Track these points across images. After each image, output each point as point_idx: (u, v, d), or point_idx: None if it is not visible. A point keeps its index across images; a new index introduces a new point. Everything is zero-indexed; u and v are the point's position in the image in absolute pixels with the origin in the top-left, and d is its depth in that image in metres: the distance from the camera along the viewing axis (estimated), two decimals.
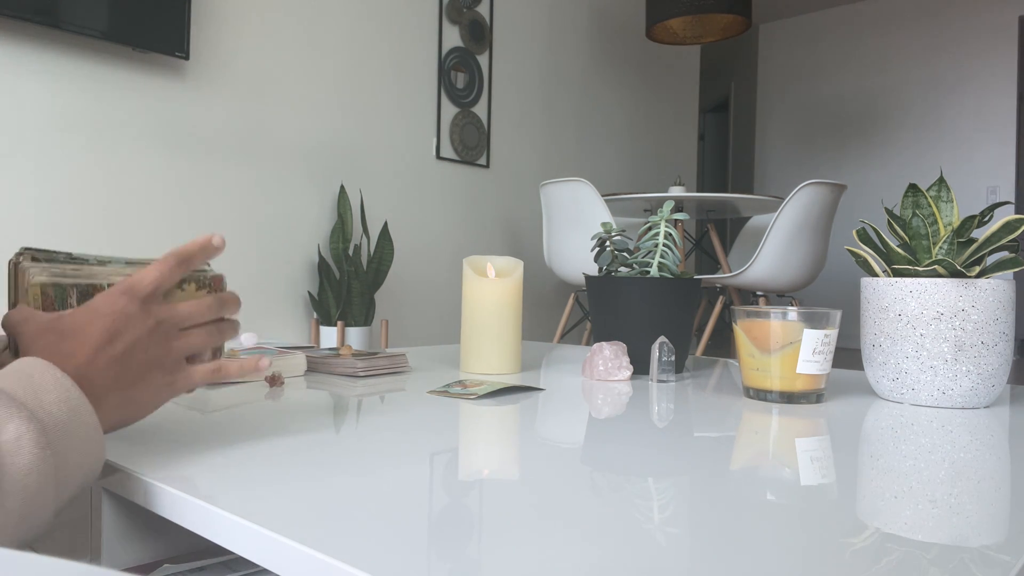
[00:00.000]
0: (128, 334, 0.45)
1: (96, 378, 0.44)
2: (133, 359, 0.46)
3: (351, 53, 2.87)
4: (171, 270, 0.48)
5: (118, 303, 0.46)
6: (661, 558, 0.33)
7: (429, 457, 0.51)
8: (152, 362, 0.47)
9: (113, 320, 0.45)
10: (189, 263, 0.49)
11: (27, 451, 0.36)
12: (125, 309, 0.46)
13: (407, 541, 0.35)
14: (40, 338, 0.45)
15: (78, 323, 0.45)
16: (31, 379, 0.40)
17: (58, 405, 0.40)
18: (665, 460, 0.52)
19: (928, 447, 0.57)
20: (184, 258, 0.49)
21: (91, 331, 0.44)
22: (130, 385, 0.46)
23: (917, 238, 0.81)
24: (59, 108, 2.10)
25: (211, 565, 0.52)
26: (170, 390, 0.48)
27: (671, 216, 1.00)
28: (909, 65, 5.51)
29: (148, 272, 0.47)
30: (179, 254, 0.49)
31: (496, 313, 0.95)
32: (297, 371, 0.91)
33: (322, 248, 2.78)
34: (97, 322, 0.45)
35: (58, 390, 0.40)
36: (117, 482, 0.47)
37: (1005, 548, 0.36)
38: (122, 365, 0.45)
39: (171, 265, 0.48)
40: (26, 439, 0.36)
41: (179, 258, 0.48)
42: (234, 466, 0.47)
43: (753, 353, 0.78)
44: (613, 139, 4.27)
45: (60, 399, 0.40)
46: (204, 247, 0.50)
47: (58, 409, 0.39)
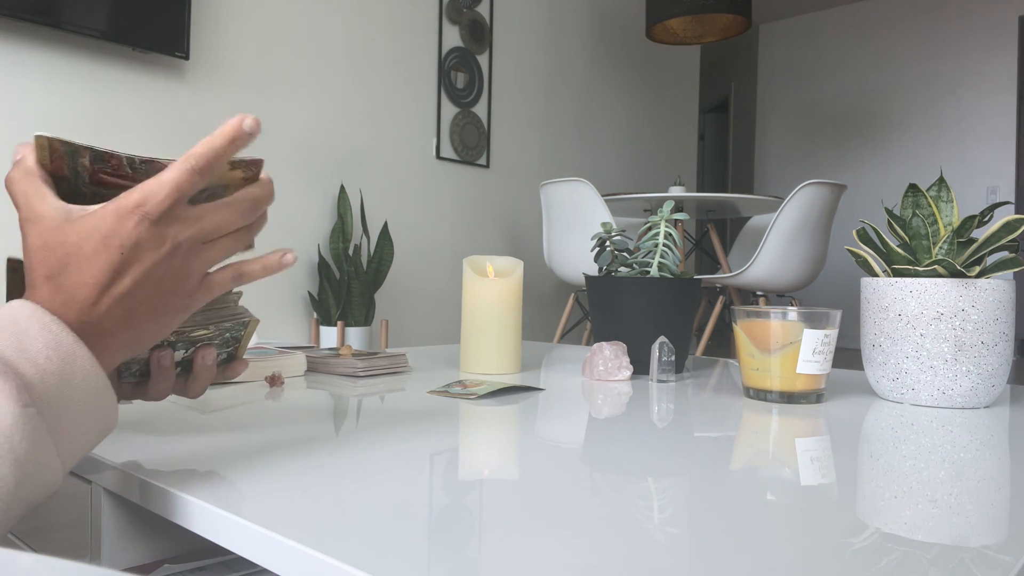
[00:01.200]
0: (139, 265, 0.39)
1: (101, 321, 0.39)
2: (144, 294, 0.40)
3: (351, 53, 2.87)
4: (192, 178, 0.40)
5: (126, 227, 0.38)
6: (661, 558, 0.33)
7: (429, 457, 0.51)
8: (168, 291, 0.41)
9: (120, 251, 0.38)
10: (214, 164, 0.40)
11: (5, 409, 0.33)
12: (135, 235, 0.38)
13: (407, 541, 0.35)
14: (41, 253, 0.39)
15: (83, 252, 0.38)
16: (16, 327, 0.36)
17: (46, 354, 0.36)
18: (665, 460, 0.52)
19: (928, 447, 0.57)
20: (208, 160, 0.40)
21: (95, 265, 0.38)
22: (141, 321, 0.40)
23: (917, 238, 0.81)
24: (59, 108, 2.10)
25: (211, 565, 0.52)
26: (187, 311, 0.43)
27: (671, 216, 1.00)
28: (909, 65, 5.51)
29: (163, 183, 0.39)
30: (200, 156, 0.40)
31: (496, 313, 0.95)
32: (297, 371, 0.91)
33: (322, 248, 2.78)
34: (102, 254, 0.38)
35: (45, 337, 0.36)
36: (117, 482, 0.47)
37: (1005, 548, 0.36)
38: (131, 302, 0.39)
39: (191, 171, 0.40)
40: (2, 397, 0.33)
41: (201, 159, 0.40)
42: (234, 466, 0.47)
43: (753, 353, 0.78)
44: (613, 139, 4.27)
45: (49, 347, 0.36)
46: (235, 137, 0.40)
47: (46, 359, 0.36)
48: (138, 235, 0.39)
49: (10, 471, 0.34)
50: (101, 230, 0.38)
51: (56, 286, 0.38)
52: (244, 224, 0.43)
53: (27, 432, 0.34)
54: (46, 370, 0.36)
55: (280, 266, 0.44)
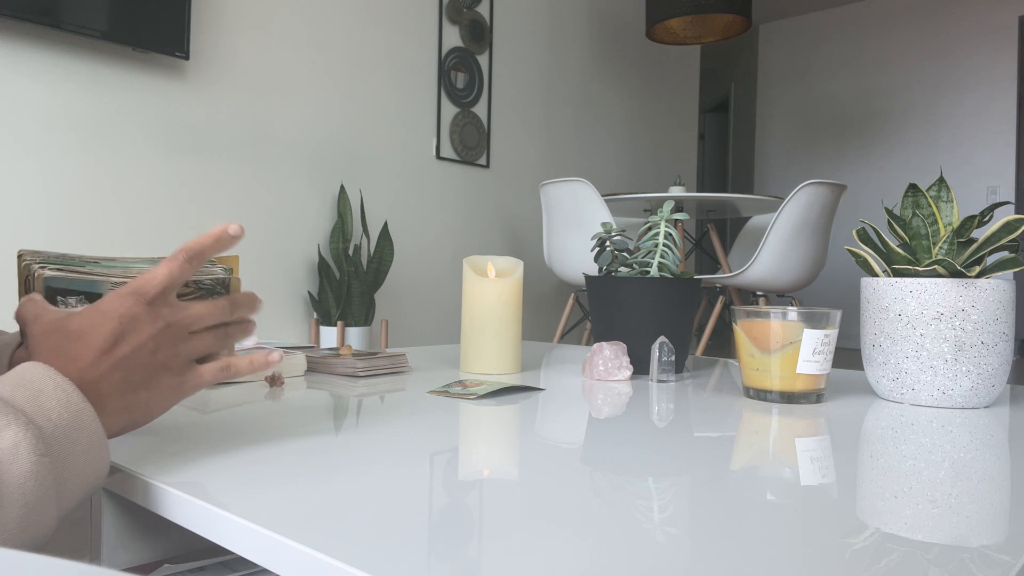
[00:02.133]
0: (134, 337, 0.44)
1: (100, 382, 0.43)
2: (139, 362, 0.44)
3: (351, 53, 2.87)
4: (181, 268, 0.46)
5: (124, 304, 0.44)
6: (661, 558, 0.33)
7: (429, 457, 0.51)
8: (159, 365, 0.45)
9: (119, 322, 0.44)
10: (201, 258, 0.47)
11: (24, 458, 0.35)
12: (131, 311, 0.44)
13: (407, 541, 0.35)
14: (46, 339, 0.44)
15: (84, 325, 0.44)
16: (31, 384, 0.39)
17: (58, 410, 0.39)
18: (665, 460, 0.52)
19: (928, 447, 0.57)
20: (196, 253, 0.46)
21: (96, 334, 0.43)
22: (136, 388, 0.45)
23: (917, 238, 0.81)
24: (59, 108, 2.10)
25: (211, 565, 0.52)
26: (178, 392, 0.47)
27: (671, 216, 1.00)
28: (909, 65, 5.51)
29: (157, 271, 0.46)
30: (190, 249, 0.46)
31: (496, 313, 0.95)
32: (297, 371, 0.91)
33: (322, 248, 2.78)
34: (103, 325, 0.44)
35: (59, 395, 0.39)
36: (117, 482, 0.47)
37: (1005, 548, 0.36)
38: (127, 368, 0.44)
39: (180, 262, 0.46)
40: (23, 446, 0.36)
41: (190, 254, 0.46)
42: (234, 466, 0.47)
43: (753, 353, 0.78)
44: (613, 139, 4.27)
45: (61, 404, 0.39)
46: (219, 238, 0.47)
47: (58, 415, 0.39)
48: (134, 310, 0.45)
49: (19, 515, 0.35)
50: (101, 308, 0.45)
51: (59, 354, 0.43)
52: (222, 319, 0.49)
53: (39, 481, 0.36)
54: (58, 425, 0.39)
55: (266, 364, 0.50)
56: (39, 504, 0.36)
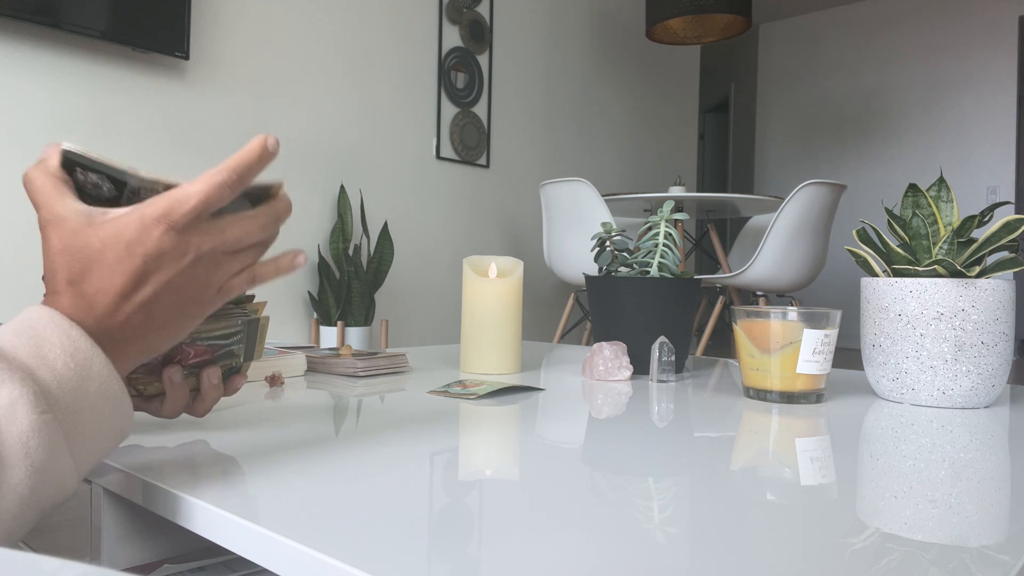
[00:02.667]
0: (161, 274, 0.39)
1: (120, 329, 0.39)
2: (166, 300, 0.40)
3: (351, 53, 2.87)
4: (220, 191, 0.40)
5: (151, 236, 0.38)
6: (661, 558, 0.33)
7: (429, 457, 0.51)
8: (188, 299, 0.41)
9: (143, 260, 0.38)
10: (244, 180, 0.41)
11: (23, 416, 0.33)
12: (159, 245, 0.38)
13: (407, 541, 0.35)
14: (63, 257, 0.39)
15: (105, 259, 0.38)
16: (34, 332, 0.36)
17: (64, 360, 0.36)
18: (665, 460, 0.52)
19: (928, 447, 0.57)
20: (239, 174, 0.40)
21: (117, 272, 0.38)
22: (158, 328, 0.41)
23: (917, 238, 0.81)
24: (59, 108, 2.10)
25: (211, 565, 0.52)
26: (202, 316, 0.43)
27: (671, 216, 1.00)
28: (909, 65, 5.51)
29: (191, 191, 0.39)
30: (233, 167, 0.40)
31: (496, 313, 0.95)
32: (297, 371, 0.91)
33: (322, 248, 2.78)
34: (125, 262, 0.38)
35: (64, 343, 0.36)
36: (117, 482, 0.47)
37: (1005, 548, 0.36)
38: (151, 310, 0.40)
39: (221, 185, 0.39)
40: (21, 404, 0.33)
41: (232, 174, 0.40)
42: (234, 466, 0.47)
43: (753, 353, 0.78)
44: (613, 139, 4.27)
45: (67, 353, 0.36)
46: (262, 154, 0.41)
47: (63, 365, 0.36)
48: (161, 245, 0.39)
49: (26, 477, 0.34)
50: (125, 237, 0.38)
51: (77, 292, 0.39)
52: (265, 237, 0.43)
53: (43, 439, 0.34)
54: (63, 376, 0.36)
55: (292, 267, 0.45)
56: (49, 463, 0.34)
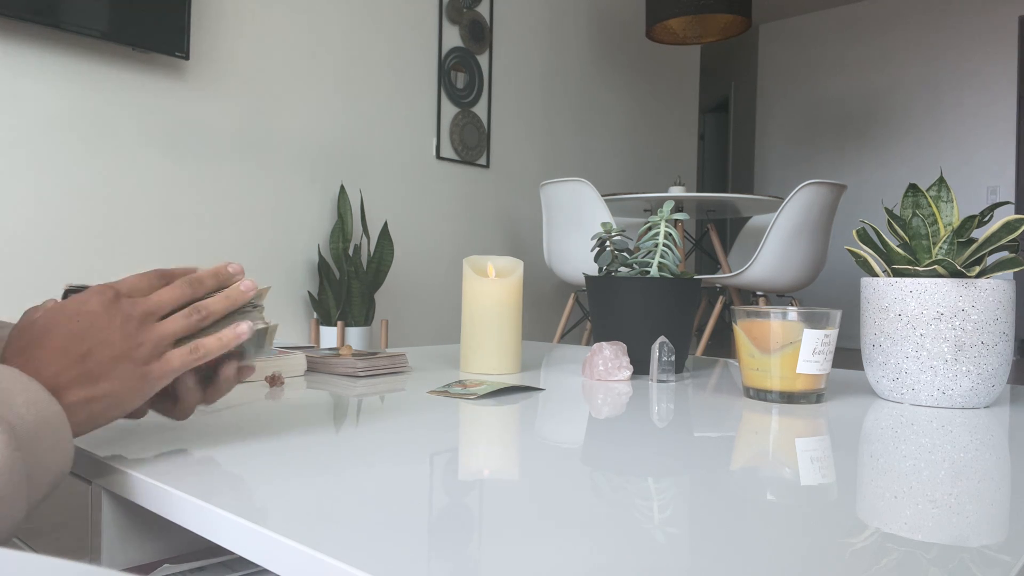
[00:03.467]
0: (93, 331, 0.46)
1: (61, 379, 0.45)
2: (98, 356, 0.45)
3: (351, 53, 2.87)
4: (148, 279, 0.49)
5: (90, 301, 0.46)
6: (661, 558, 0.33)
7: (429, 457, 0.51)
8: (119, 356, 0.46)
9: (78, 319, 0.46)
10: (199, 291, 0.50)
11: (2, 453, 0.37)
12: (94, 307, 0.46)
13: (407, 541, 0.35)
14: (14, 339, 0.46)
15: (48, 325, 0.46)
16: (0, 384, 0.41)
17: (27, 407, 0.40)
18: (665, 460, 0.52)
19: (928, 447, 0.57)
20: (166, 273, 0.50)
21: (57, 332, 0.45)
22: (96, 381, 0.46)
23: (917, 238, 0.81)
24: (59, 108, 2.10)
25: (211, 565, 0.52)
26: (144, 381, 0.47)
27: (671, 216, 1.00)
28: (909, 65, 5.51)
29: (129, 277, 0.49)
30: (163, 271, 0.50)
31: (496, 313, 0.95)
32: (297, 371, 0.91)
33: (322, 248, 2.78)
34: (63, 323, 0.46)
35: (26, 393, 0.41)
36: (117, 482, 0.47)
37: (1005, 548, 0.36)
38: (86, 363, 0.45)
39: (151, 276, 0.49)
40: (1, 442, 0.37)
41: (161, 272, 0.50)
42: (234, 466, 0.47)
43: (753, 353, 0.78)
44: (613, 139, 4.27)
45: (28, 402, 0.40)
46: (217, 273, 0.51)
47: (27, 411, 0.40)
48: (96, 306, 0.46)
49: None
50: (63, 307, 0.46)
51: (27, 356, 0.45)
52: (184, 300, 0.49)
53: (11, 475, 0.37)
54: (26, 420, 0.40)
55: (236, 337, 0.50)
56: (12, 498, 0.37)
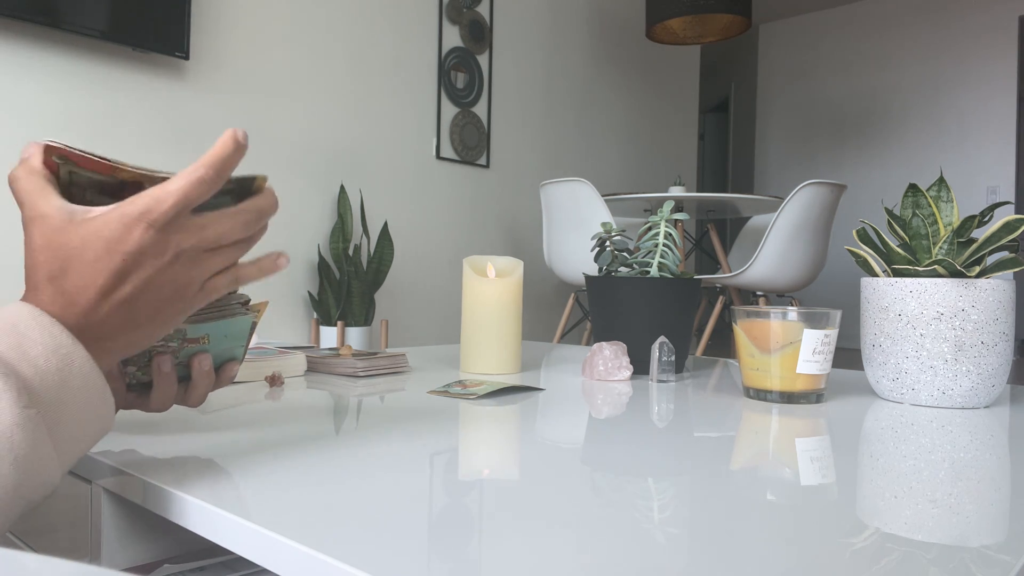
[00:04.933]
0: (142, 271, 0.39)
1: (101, 326, 0.40)
2: (146, 298, 0.40)
3: (351, 53, 2.87)
4: (198, 189, 0.40)
5: (132, 235, 0.39)
6: (661, 558, 0.33)
7: (429, 457, 0.51)
8: (169, 297, 0.41)
9: (123, 258, 0.39)
10: (221, 176, 0.40)
11: (6, 411, 0.34)
12: (140, 243, 0.39)
13: (407, 541, 0.35)
14: (45, 257, 0.39)
15: (85, 257, 0.38)
16: (15, 329, 0.37)
17: (46, 357, 0.36)
18: (665, 460, 0.52)
19: (928, 447, 0.57)
20: (216, 170, 0.40)
21: (98, 270, 0.38)
22: (140, 325, 0.41)
23: (917, 238, 0.81)
24: (59, 108, 2.10)
25: (211, 565, 0.52)
26: (185, 314, 0.43)
27: (671, 216, 1.00)
28: (909, 65, 5.51)
29: (170, 192, 0.39)
30: (209, 164, 0.40)
31: (496, 313, 0.95)
32: (297, 371, 0.91)
33: (322, 248, 2.78)
34: (105, 260, 0.38)
35: (46, 340, 0.37)
36: (117, 482, 0.47)
37: (1005, 548, 0.36)
38: (131, 309, 0.40)
39: (199, 182, 0.39)
40: (4, 399, 0.34)
41: (209, 170, 0.40)
42: (234, 466, 0.47)
43: (753, 353, 0.78)
44: (613, 139, 4.27)
45: (48, 350, 0.36)
46: (236, 147, 0.41)
47: (46, 361, 0.36)
48: (142, 243, 0.39)
49: (10, 471, 0.34)
50: (105, 235, 0.39)
51: (57, 288, 0.39)
52: (247, 235, 0.43)
53: (27, 433, 0.35)
54: (46, 372, 0.36)
55: (275, 268, 0.45)
56: (32, 457, 0.35)
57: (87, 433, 0.39)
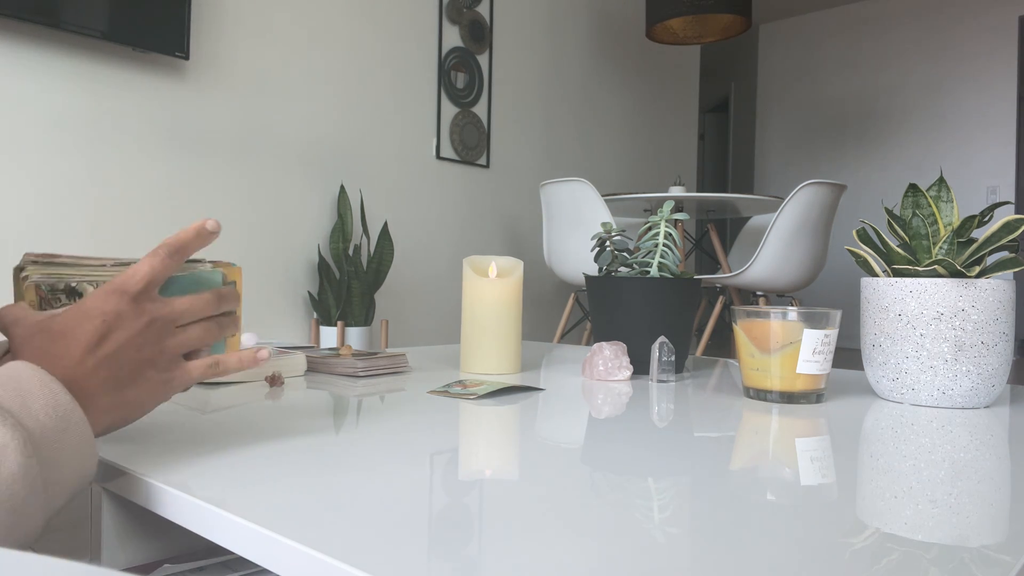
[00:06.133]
0: (119, 333, 0.44)
1: (86, 381, 0.43)
2: (125, 359, 0.44)
3: (351, 53, 2.87)
4: (163, 263, 0.46)
5: (109, 302, 0.44)
6: (661, 558, 0.33)
7: (429, 457, 0.51)
8: (145, 361, 0.45)
9: (103, 320, 0.43)
10: (183, 253, 0.47)
11: (11, 460, 0.35)
12: (116, 308, 0.44)
13: (407, 541, 0.35)
14: (30, 340, 0.44)
15: (68, 324, 0.43)
16: (18, 384, 0.39)
17: (46, 411, 0.38)
18: (665, 460, 0.52)
19: (928, 447, 0.57)
20: (177, 248, 0.46)
21: (81, 332, 0.43)
22: (123, 386, 0.44)
23: (917, 238, 0.81)
24: (59, 108, 2.10)
25: (211, 565, 0.52)
26: (166, 388, 0.47)
27: (671, 216, 1.00)
28: (909, 65, 5.51)
29: (139, 267, 0.45)
30: (171, 244, 0.46)
31: (496, 313, 0.95)
32: (297, 371, 0.91)
33: (322, 248, 2.78)
34: (87, 323, 0.43)
35: (46, 395, 0.39)
36: (117, 482, 0.47)
37: (1005, 548, 0.36)
38: (113, 366, 0.44)
39: (162, 257, 0.46)
40: (11, 448, 0.35)
41: (171, 249, 0.46)
42: (234, 466, 0.47)
43: (753, 353, 0.78)
44: (613, 139, 4.27)
45: (48, 404, 0.39)
46: (198, 233, 0.47)
47: (46, 415, 0.38)
48: (119, 307, 0.44)
49: (5, 518, 0.35)
50: (85, 307, 0.44)
51: (44, 354, 0.43)
52: (209, 313, 0.48)
53: (26, 482, 0.36)
54: (45, 426, 0.38)
55: (255, 361, 0.50)
56: (26, 506, 0.36)
57: (71, 486, 0.40)
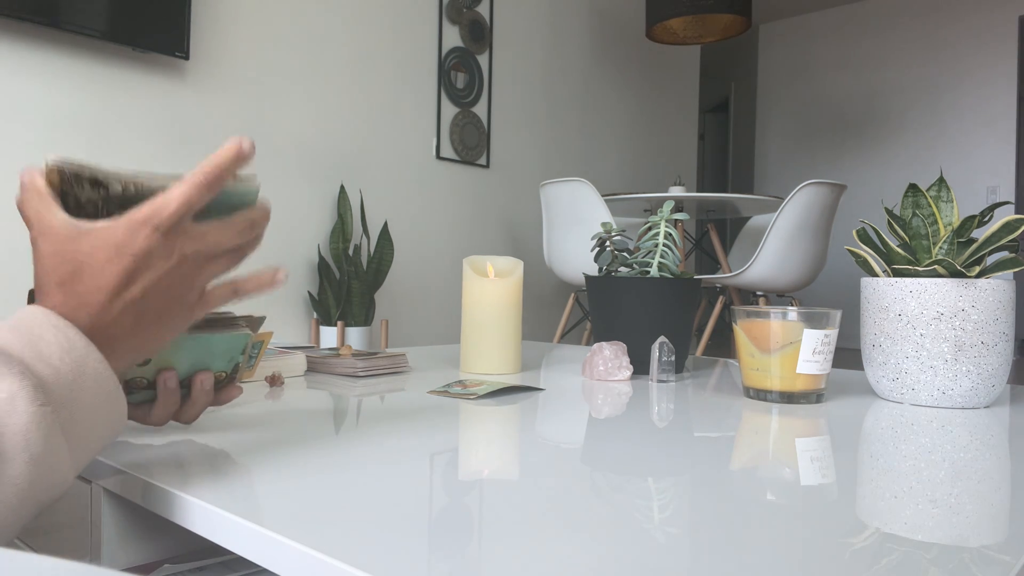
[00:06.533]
0: (149, 274, 0.41)
1: (111, 326, 0.41)
2: (153, 300, 0.42)
3: (351, 53, 2.87)
4: (199, 193, 0.41)
5: (138, 238, 0.40)
6: (661, 558, 0.33)
7: (429, 457, 0.51)
8: (173, 300, 0.43)
9: (133, 260, 0.40)
10: (219, 181, 0.42)
11: (22, 410, 0.34)
12: (147, 245, 0.40)
13: (407, 541, 0.35)
14: (56, 269, 0.40)
15: (95, 260, 0.40)
16: (30, 331, 0.37)
17: (60, 357, 0.37)
18: (665, 460, 0.52)
19: (928, 447, 0.57)
20: (215, 177, 0.42)
21: (107, 273, 0.40)
22: (147, 327, 0.42)
23: (917, 238, 0.81)
24: (59, 108, 2.10)
25: (211, 565, 0.52)
26: (188, 320, 0.45)
27: (671, 216, 1.00)
28: (909, 65, 5.51)
29: (172, 197, 0.41)
30: (208, 171, 0.42)
31: (496, 313, 0.95)
32: (297, 371, 0.91)
33: (322, 248, 2.78)
34: (115, 262, 0.40)
35: (60, 341, 0.37)
36: (117, 482, 0.47)
37: (1005, 548, 0.36)
38: (141, 309, 0.41)
39: (199, 186, 0.41)
40: (20, 397, 0.34)
41: (208, 177, 0.42)
42: (234, 466, 0.47)
43: (753, 353, 0.78)
44: (613, 139, 4.27)
45: (63, 350, 0.37)
46: (237, 155, 0.42)
47: (60, 361, 0.37)
48: (149, 245, 0.40)
49: (25, 469, 0.34)
50: (113, 240, 0.40)
51: (68, 292, 0.40)
52: (241, 242, 0.45)
53: (42, 431, 0.35)
54: (60, 372, 0.37)
55: (273, 283, 0.47)
56: (47, 456, 0.35)
57: (99, 435, 0.39)
